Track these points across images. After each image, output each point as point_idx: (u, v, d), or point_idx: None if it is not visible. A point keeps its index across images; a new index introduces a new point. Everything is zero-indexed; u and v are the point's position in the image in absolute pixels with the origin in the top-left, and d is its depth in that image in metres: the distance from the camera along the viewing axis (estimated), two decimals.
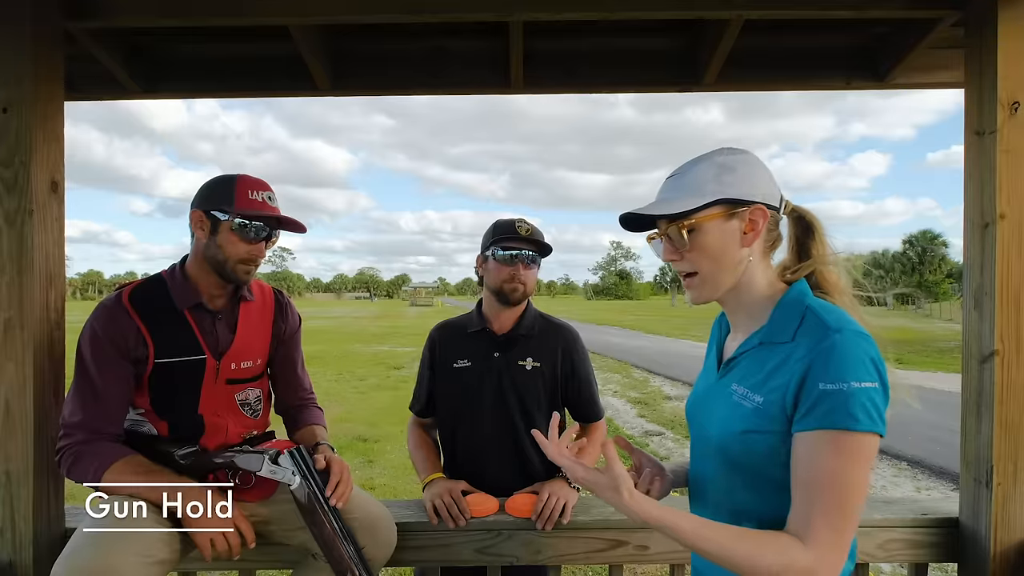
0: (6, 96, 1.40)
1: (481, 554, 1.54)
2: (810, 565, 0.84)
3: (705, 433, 1.08)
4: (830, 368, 0.87)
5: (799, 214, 1.06)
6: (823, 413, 0.86)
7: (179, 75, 1.90)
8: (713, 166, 1.01)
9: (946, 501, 1.62)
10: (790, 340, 0.94)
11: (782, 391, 0.92)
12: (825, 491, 0.86)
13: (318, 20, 1.56)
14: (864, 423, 0.85)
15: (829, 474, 0.85)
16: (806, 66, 1.87)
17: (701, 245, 1.00)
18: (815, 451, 0.87)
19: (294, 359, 1.66)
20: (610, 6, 1.51)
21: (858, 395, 0.85)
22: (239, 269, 1.43)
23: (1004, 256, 1.39)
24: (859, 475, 0.86)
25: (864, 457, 0.86)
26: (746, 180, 1.00)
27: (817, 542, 0.85)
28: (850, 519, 0.86)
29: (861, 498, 0.87)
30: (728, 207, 0.99)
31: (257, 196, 1.43)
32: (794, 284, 1.02)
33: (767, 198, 1.00)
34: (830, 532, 0.85)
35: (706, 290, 1.03)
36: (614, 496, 0.93)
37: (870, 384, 0.86)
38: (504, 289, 1.72)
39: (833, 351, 0.87)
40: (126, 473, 1.30)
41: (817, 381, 0.87)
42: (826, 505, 0.85)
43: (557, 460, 1.04)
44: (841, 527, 0.85)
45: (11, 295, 1.40)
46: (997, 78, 1.38)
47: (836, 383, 0.86)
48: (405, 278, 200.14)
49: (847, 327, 0.90)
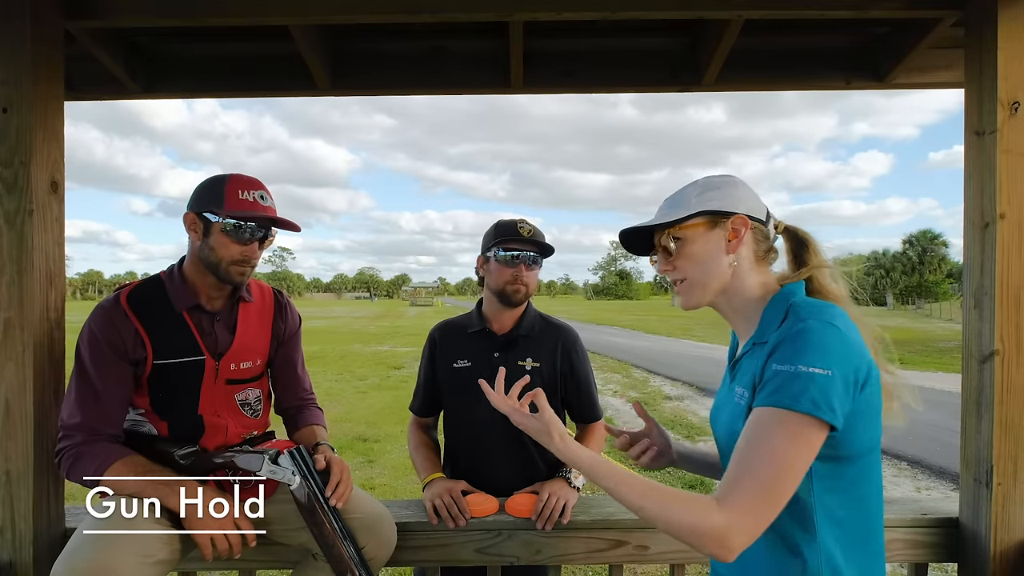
0: (6, 96, 1.40)
1: (481, 554, 1.55)
2: (724, 524, 0.86)
3: (718, 438, 1.13)
4: (786, 351, 0.91)
5: (792, 231, 1.14)
6: (770, 391, 0.90)
7: (179, 75, 1.90)
8: (697, 186, 1.12)
9: (946, 501, 1.62)
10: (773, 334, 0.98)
11: (754, 379, 0.97)
12: (756, 463, 0.88)
13: (318, 20, 1.55)
14: (804, 405, 0.87)
15: (764, 448, 0.88)
16: (806, 66, 1.87)
17: (687, 253, 1.09)
18: (756, 424, 0.91)
19: (294, 359, 1.66)
20: (610, 6, 1.51)
21: (803, 378, 0.88)
22: (232, 271, 1.42)
23: (1004, 256, 1.39)
24: (793, 455, 0.88)
25: (802, 439, 0.88)
26: (727, 196, 1.09)
27: (734, 505, 0.87)
28: (774, 494, 0.87)
29: (792, 479, 0.88)
30: (710, 218, 1.08)
31: (248, 196, 1.41)
32: (785, 286, 1.07)
33: (750, 211, 1.08)
34: (750, 499, 0.87)
35: (695, 295, 1.10)
36: (548, 439, 1.05)
37: (819, 371, 0.88)
38: (506, 290, 1.72)
39: (796, 337, 0.91)
40: (126, 473, 1.30)
41: (773, 363, 0.92)
42: (753, 475, 0.88)
43: (499, 406, 1.13)
44: (764, 497, 0.87)
45: (11, 295, 1.40)
46: (997, 78, 1.38)
47: (785, 364, 0.90)
48: (405, 278, 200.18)
49: (815, 317, 0.93)
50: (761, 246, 1.10)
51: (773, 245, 1.13)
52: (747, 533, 0.86)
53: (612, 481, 0.95)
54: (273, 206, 1.46)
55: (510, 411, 1.11)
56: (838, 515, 0.96)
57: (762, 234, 1.10)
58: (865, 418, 0.93)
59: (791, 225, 1.14)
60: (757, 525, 0.87)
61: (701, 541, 0.87)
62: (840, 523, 0.96)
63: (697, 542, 0.87)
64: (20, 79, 1.40)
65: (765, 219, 1.10)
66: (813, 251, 1.11)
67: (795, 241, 1.13)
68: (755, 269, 1.09)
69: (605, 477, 0.96)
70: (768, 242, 1.11)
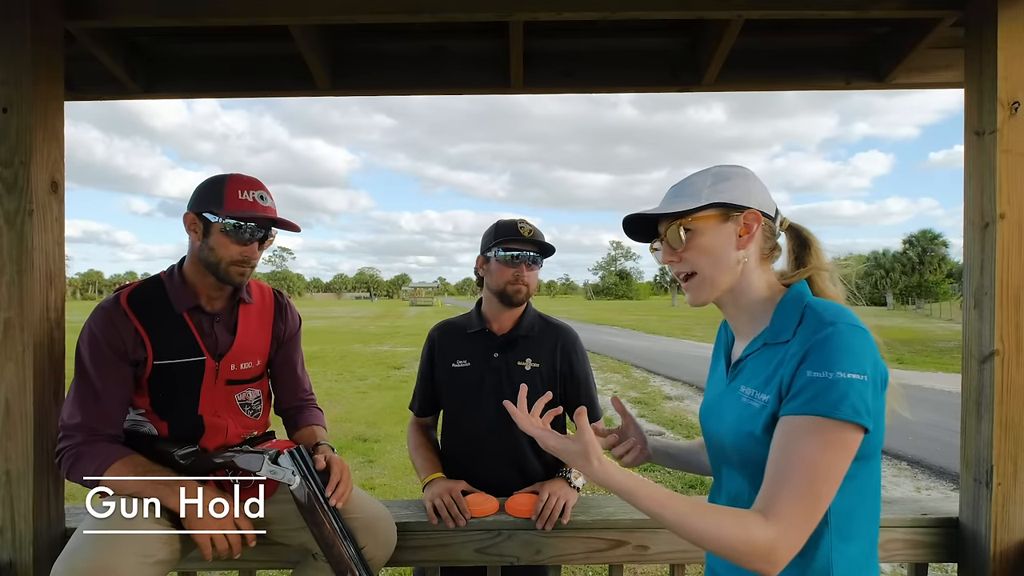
0: (6, 96, 1.40)
1: (481, 554, 1.54)
2: (770, 539, 0.84)
3: (718, 438, 1.10)
4: (820, 357, 0.89)
5: (796, 230, 1.12)
6: (807, 399, 0.88)
7: (179, 75, 1.90)
8: (709, 176, 1.08)
9: (946, 501, 1.62)
10: (791, 338, 0.97)
11: (780, 384, 0.94)
12: (797, 472, 0.87)
13: (318, 20, 1.55)
14: (845, 412, 0.86)
15: (804, 457, 0.87)
16: (806, 66, 1.87)
17: (698, 245, 1.05)
18: (793, 434, 0.89)
19: (294, 360, 1.66)
20: (610, 6, 1.51)
21: (842, 385, 0.86)
22: (232, 271, 1.42)
23: (1004, 256, 1.39)
24: (833, 462, 0.87)
25: (841, 445, 0.87)
26: (740, 188, 1.06)
27: (780, 518, 0.85)
28: (817, 503, 0.87)
29: (832, 486, 0.87)
30: (723, 210, 1.04)
31: (248, 196, 1.41)
32: (793, 285, 1.05)
33: (761, 206, 1.05)
34: (795, 511, 0.85)
35: (705, 291, 1.07)
36: (584, 463, 0.97)
37: (856, 376, 0.87)
38: (507, 291, 1.72)
39: (826, 342, 0.90)
40: (126, 473, 1.30)
41: (806, 369, 0.90)
42: (795, 486, 0.86)
43: (527, 429, 1.08)
44: (807, 509, 0.86)
45: (11, 295, 1.40)
46: (997, 78, 1.38)
47: (822, 371, 0.88)
48: (405, 278, 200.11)
49: (842, 320, 0.92)
50: (768, 243, 1.08)
51: (778, 243, 1.11)
52: (793, 547, 0.85)
53: (654, 504, 0.91)
54: (273, 206, 1.46)
55: (540, 435, 1.06)
56: (841, 513, 0.95)
57: (770, 231, 1.08)
58: (880, 419, 0.93)
59: (796, 224, 1.12)
60: (802, 537, 0.86)
61: (747, 558, 0.85)
62: (842, 521, 0.96)
63: (743, 559, 0.85)
64: (20, 79, 1.40)
65: (774, 216, 1.08)
66: (815, 252, 1.10)
67: (798, 240, 1.12)
68: (760, 267, 1.07)
69: (647, 500, 0.91)
70: (774, 239, 1.09)
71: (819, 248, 1.10)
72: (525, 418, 1.10)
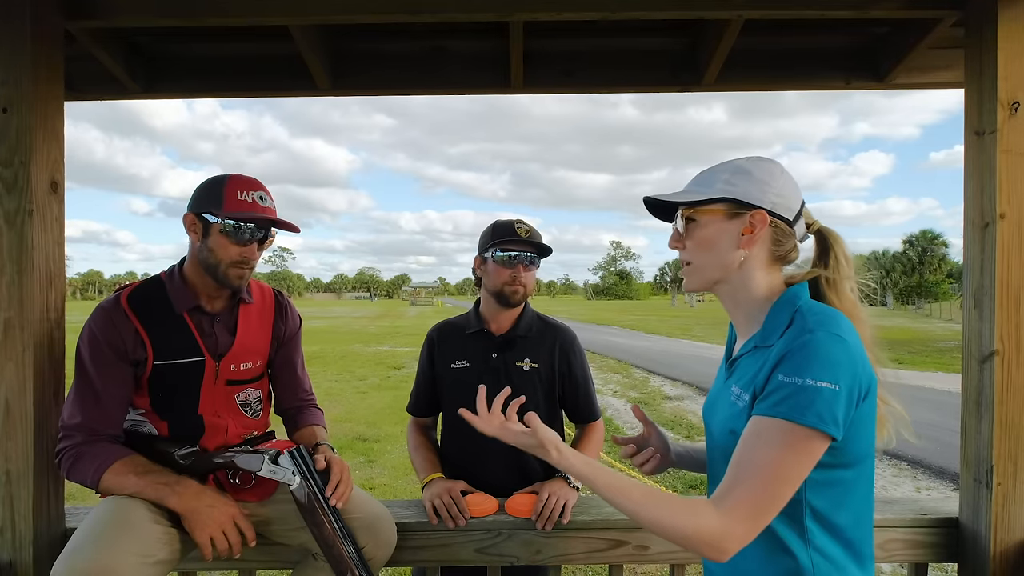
0: (6, 96, 1.40)
1: (481, 554, 1.54)
2: (717, 527, 0.87)
3: (712, 435, 1.12)
4: (793, 363, 0.90)
5: (823, 234, 1.08)
6: (775, 402, 0.90)
7: (179, 75, 1.90)
8: (730, 167, 1.06)
9: (946, 501, 1.62)
10: (778, 340, 0.97)
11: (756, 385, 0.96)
12: (754, 470, 0.89)
13: (318, 20, 1.55)
14: (809, 419, 0.87)
15: (764, 457, 0.88)
16: (806, 66, 1.87)
17: (697, 237, 1.06)
18: (758, 434, 0.90)
19: (294, 360, 1.66)
20: (610, 6, 1.51)
21: (810, 392, 0.87)
22: (231, 273, 1.41)
23: (1004, 256, 1.39)
24: (792, 466, 0.88)
25: (803, 450, 0.88)
26: (756, 185, 1.02)
27: (729, 510, 0.88)
28: (771, 502, 0.88)
29: (788, 488, 0.89)
30: (730, 206, 1.03)
31: (247, 197, 1.40)
32: (789, 288, 1.04)
33: (776, 207, 1.02)
34: (745, 506, 0.88)
35: (693, 280, 1.09)
36: (543, 453, 1.05)
37: (827, 384, 0.88)
38: (505, 291, 1.72)
39: (802, 348, 0.90)
40: (126, 473, 1.30)
41: (779, 373, 0.91)
42: (751, 483, 0.88)
43: (484, 430, 1.12)
44: (758, 506, 0.88)
45: (11, 295, 1.40)
46: (997, 78, 1.38)
47: (793, 376, 0.89)
48: (405, 278, 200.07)
49: (823, 328, 0.92)
50: (782, 246, 1.04)
51: (797, 244, 1.06)
52: (740, 539, 0.88)
53: (611, 491, 0.96)
54: (273, 207, 1.46)
55: (498, 432, 1.11)
56: (830, 518, 0.96)
57: (784, 233, 1.03)
58: (862, 428, 0.94)
59: (825, 227, 1.07)
60: (750, 532, 0.88)
61: (696, 544, 0.88)
62: (832, 526, 0.96)
63: (692, 545, 0.88)
64: (20, 79, 1.40)
65: (793, 218, 1.03)
66: (835, 259, 1.05)
67: (821, 245, 1.08)
68: (765, 269, 1.04)
69: (604, 488, 0.97)
70: (792, 241, 1.05)
71: (841, 255, 1.06)
72: (482, 420, 1.14)
